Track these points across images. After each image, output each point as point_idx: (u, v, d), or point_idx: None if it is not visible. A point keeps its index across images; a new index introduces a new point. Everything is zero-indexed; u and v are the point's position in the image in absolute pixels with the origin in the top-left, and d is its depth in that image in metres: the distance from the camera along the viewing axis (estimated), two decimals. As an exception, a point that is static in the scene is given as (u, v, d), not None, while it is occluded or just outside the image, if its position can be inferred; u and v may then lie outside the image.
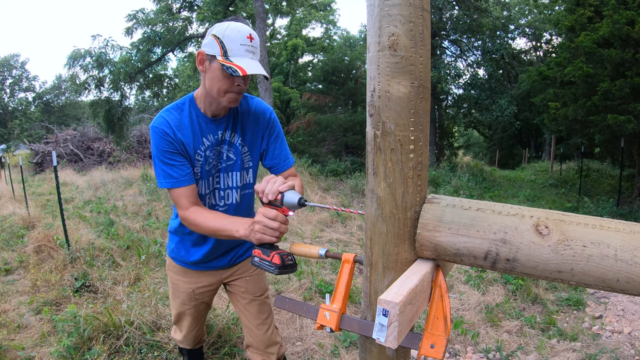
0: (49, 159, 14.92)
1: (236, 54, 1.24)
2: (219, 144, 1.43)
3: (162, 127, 1.33)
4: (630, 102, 6.93)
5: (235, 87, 1.29)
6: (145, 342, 2.36)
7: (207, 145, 1.40)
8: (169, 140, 1.33)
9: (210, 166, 1.43)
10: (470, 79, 14.93)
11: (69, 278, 3.44)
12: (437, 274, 0.83)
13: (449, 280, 3.61)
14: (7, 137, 28.62)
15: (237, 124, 1.45)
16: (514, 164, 21.64)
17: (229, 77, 1.26)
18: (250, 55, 1.26)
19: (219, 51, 1.24)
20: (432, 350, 0.76)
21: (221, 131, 1.42)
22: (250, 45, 1.25)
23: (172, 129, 1.34)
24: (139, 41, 12.51)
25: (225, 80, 1.27)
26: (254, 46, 1.27)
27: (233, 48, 1.23)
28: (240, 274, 1.65)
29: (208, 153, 1.41)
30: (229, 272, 1.65)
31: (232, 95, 1.31)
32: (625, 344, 2.65)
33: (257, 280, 1.67)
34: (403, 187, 0.79)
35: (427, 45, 0.78)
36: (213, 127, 1.40)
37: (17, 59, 33.26)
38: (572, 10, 8.65)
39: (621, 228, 0.65)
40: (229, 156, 1.45)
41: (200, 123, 1.39)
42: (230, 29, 1.24)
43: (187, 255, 1.58)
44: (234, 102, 1.33)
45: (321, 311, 0.95)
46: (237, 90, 1.30)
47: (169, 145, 1.33)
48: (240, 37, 1.24)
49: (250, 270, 1.66)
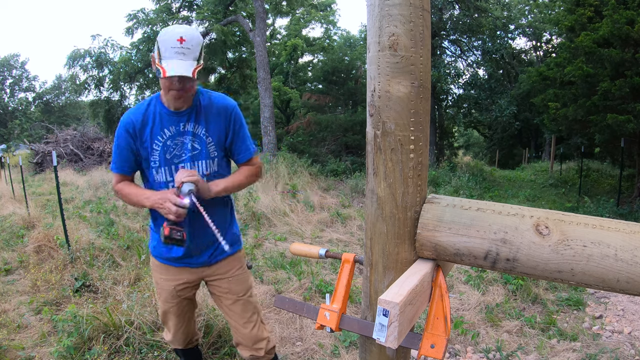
0: (49, 159, 14.91)
1: (166, 56, 1.36)
2: (181, 134, 1.54)
3: (126, 125, 1.52)
4: (630, 102, 6.93)
5: (173, 85, 1.41)
6: (145, 342, 2.36)
7: (168, 136, 1.53)
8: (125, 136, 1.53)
9: (172, 155, 1.54)
10: (470, 79, 14.92)
11: (69, 278, 3.44)
12: (437, 274, 0.83)
13: (449, 280, 3.61)
14: (7, 137, 28.60)
15: (200, 117, 1.55)
16: (514, 164, 21.62)
17: (167, 79, 1.38)
18: (179, 57, 1.36)
19: (157, 54, 1.40)
20: (432, 350, 0.76)
21: (183, 123, 1.53)
22: (180, 47, 1.36)
23: (133, 127, 1.52)
24: (139, 41, 12.51)
25: (164, 80, 1.40)
26: (185, 47, 1.36)
27: (165, 51, 1.37)
28: (222, 274, 1.68)
29: (169, 143, 1.53)
30: (210, 270, 1.68)
31: (173, 93, 1.43)
32: (625, 344, 2.65)
33: (240, 281, 1.70)
34: (403, 187, 0.79)
35: (427, 45, 0.78)
36: (175, 119, 1.53)
37: (17, 59, 33.26)
38: (572, 10, 8.65)
39: (621, 228, 0.65)
40: (194, 146, 1.55)
41: (162, 116, 1.52)
42: (165, 33, 1.39)
43: (168, 251, 1.63)
44: (178, 100, 1.45)
45: (321, 311, 0.95)
46: (175, 88, 1.41)
47: (124, 140, 1.53)
48: (171, 40, 1.36)
49: (232, 270, 1.69)
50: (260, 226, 5.65)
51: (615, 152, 10.39)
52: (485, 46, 14.74)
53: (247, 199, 6.28)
